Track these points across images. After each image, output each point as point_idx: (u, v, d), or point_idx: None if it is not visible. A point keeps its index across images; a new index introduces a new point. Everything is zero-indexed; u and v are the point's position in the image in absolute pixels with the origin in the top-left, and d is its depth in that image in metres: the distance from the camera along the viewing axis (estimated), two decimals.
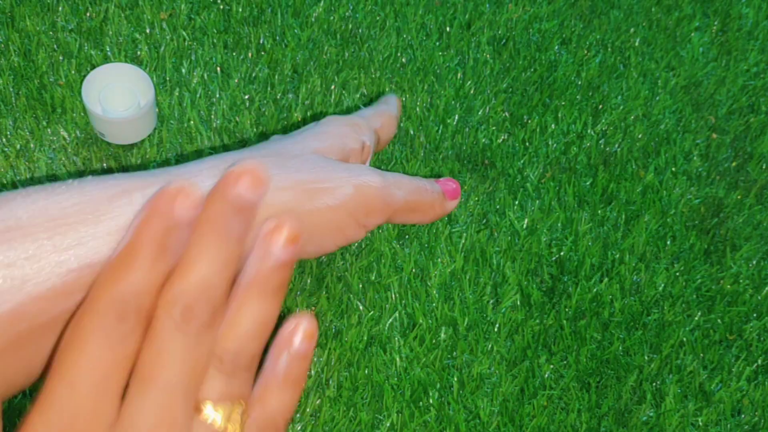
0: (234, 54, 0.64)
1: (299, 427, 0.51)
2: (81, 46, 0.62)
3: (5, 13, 0.63)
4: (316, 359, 0.53)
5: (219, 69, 0.63)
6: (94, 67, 0.61)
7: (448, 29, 0.69)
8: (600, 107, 0.67)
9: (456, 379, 0.54)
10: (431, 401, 0.53)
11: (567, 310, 0.58)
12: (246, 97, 0.62)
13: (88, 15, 0.64)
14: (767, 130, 0.69)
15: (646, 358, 0.57)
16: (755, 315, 0.60)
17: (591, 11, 0.73)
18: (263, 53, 0.64)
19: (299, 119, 0.62)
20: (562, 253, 0.60)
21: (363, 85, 0.64)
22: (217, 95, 0.62)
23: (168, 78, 0.62)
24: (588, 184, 0.63)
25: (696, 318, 0.59)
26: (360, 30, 0.67)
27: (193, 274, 0.20)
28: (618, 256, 0.60)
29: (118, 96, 0.57)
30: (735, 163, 0.67)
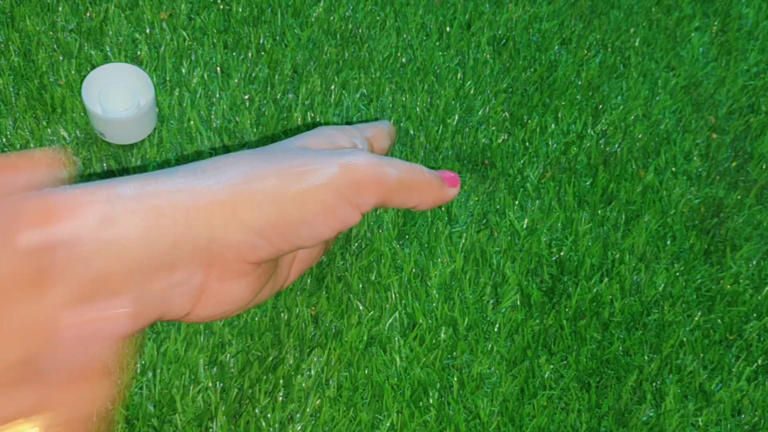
0: (234, 54, 0.64)
1: (299, 427, 0.51)
2: (81, 46, 0.62)
3: (5, 13, 0.63)
4: (315, 359, 0.53)
5: (219, 69, 0.63)
6: (94, 67, 0.61)
7: (448, 29, 0.69)
8: (600, 107, 0.67)
9: (456, 379, 0.54)
10: (431, 401, 0.53)
11: (567, 310, 0.58)
12: (246, 97, 0.62)
13: (88, 15, 0.64)
14: (767, 130, 0.69)
15: (646, 358, 0.57)
16: (755, 315, 0.60)
17: (591, 11, 0.73)
18: (263, 53, 0.64)
19: (299, 119, 0.62)
20: (562, 253, 0.60)
21: (363, 85, 0.64)
22: (217, 95, 0.62)
23: (168, 78, 0.62)
24: (588, 184, 0.63)
25: (696, 318, 0.59)
26: (360, 30, 0.67)
27: None
28: (618, 256, 0.60)
29: (118, 96, 0.57)
30: (735, 163, 0.67)
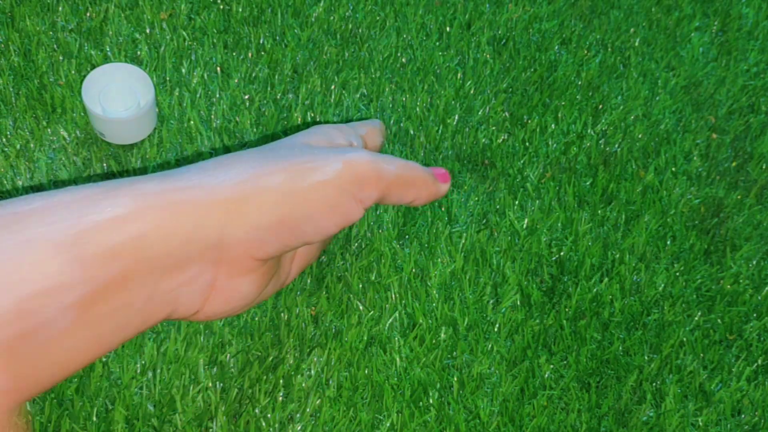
0: (234, 54, 0.64)
1: (299, 427, 0.51)
2: (81, 46, 0.62)
3: (5, 13, 0.63)
4: (316, 359, 0.53)
5: (219, 69, 0.63)
6: (94, 67, 0.61)
7: (448, 29, 0.69)
8: (600, 107, 0.67)
9: (456, 379, 0.54)
10: (431, 401, 0.53)
11: (567, 310, 0.58)
12: (246, 97, 0.62)
13: (88, 15, 0.64)
14: (767, 130, 0.69)
15: (646, 358, 0.57)
16: (755, 315, 0.60)
17: (591, 11, 0.73)
18: (263, 53, 0.64)
19: (299, 119, 0.62)
20: (562, 253, 0.60)
21: (363, 85, 0.64)
22: (217, 95, 0.62)
23: (168, 78, 0.62)
24: (588, 184, 0.63)
25: (696, 318, 0.59)
26: (360, 30, 0.67)
27: None
28: (618, 256, 0.60)
29: (118, 96, 0.57)
30: (735, 163, 0.67)
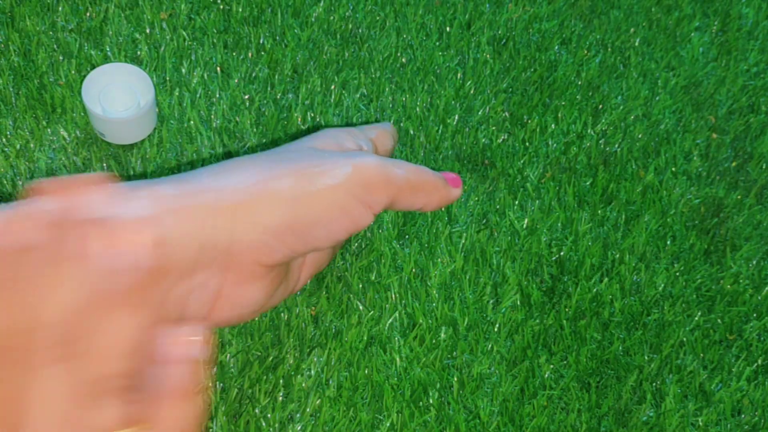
0: (234, 54, 0.64)
1: (299, 427, 0.51)
2: (81, 46, 0.62)
3: (5, 13, 0.63)
4: (316, 359, 0.53)
5: (219, 69, 0.63)
6: (94, 67, 0.61)
7: (448, 29, 0.69)
8: (600, 107, 0.67)
9: (456, 379, 0.54)
10: (431, 401, 0.53)
11: (567, 310, 0.58)
12: (246, 97, 0.62)
13: (88, 15, 0.64)
14: (767, 130, 0.69)
15: (646, 358, 0.57)
16: (755, 315, 0.60)
17: (591, 11, 0.73)
18: (263, 53, 0.64)
19: (299, 119, 0.62)
20: (562, 253, 0.60)
21: (363, 85, 0.64)
22: (217, 95, 0.62)
23: (168, 78, 0.62)
24: (588, 184, 0.63)
25: (696, 318, 0.59)
26: (360, 30, 0.67)
27: None
28: (618, 256, 0.60)
29: (118, 96, 0.57)
30: (735, 163, 0.67)
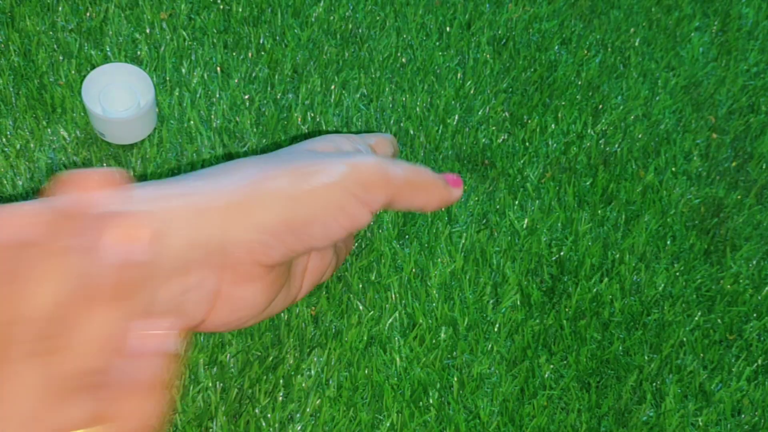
0: (234, 54, 0.64)
1: (299, 427, 0.51)
2: (81, 46, 0.62)
3: (5, 13, 0.63)
4: (316, 359, 0.53)
5: (219, 69, 0.63)
6: (94, 67, 0.61)
7: (448, 29, 0.69)
8: (600, 107, 0.67)
9: (456, 379, 0.54)
10: (431, 401, 0.53)
11: (567, 310, 0.58)
12: (246, 97, 0.62)
13: (88, 15, 0.64)
14: (767, 130, 0.69)
15: (646, 358, 0.57)
16: (755, 315, 0.60)
17: (591, 11, 0.73)
18: (263, 53, 0.64)
19: (299, 119, 0.62)
20: (562, 253, 0.60)
21: (363, 85, 0.64)
22: (217, 95, 0.62)
23: (168, 78, 0.62)
24: (588, 184, 0.63)
25: (696, 318, 0.59)
26: (360, 30, 0.67)
27: None
28: (618, 256, 0.60)
29: (118, 96, 0.57)
30: (735, 163, 0.67)
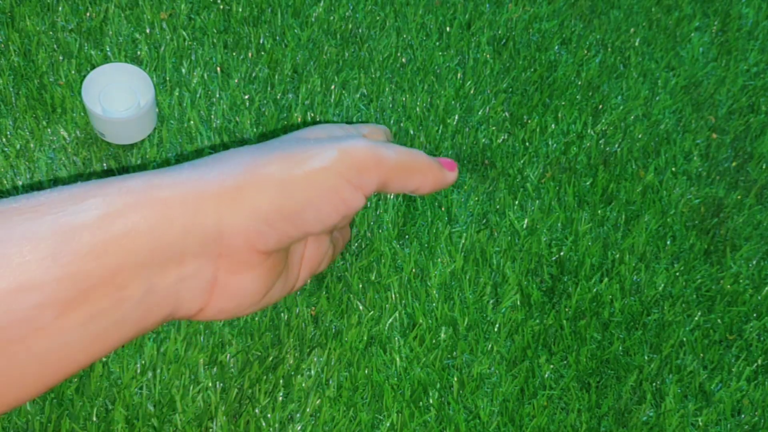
0: (234, 54, 0.64)
1: (299, 427, 0.51)
2: (81, 46, 0.62)
3: (5, 13, 0.63)
4: (316, 359, 0.53)
5: (219, 69, 0.63)
6: (94, 67, 0.61)
7: (448, 29, 0.69)
8: (600, 107, 0.67)
9: (456, 379, 0.54)
10: (431, 401, 0.53)
11: (567, 310, 0.58)
12: (246, 97, 0.62)
13: (88, 15, 0.64)
14: (767, 130, 0.69)
15: (646, 358, 0.57)
16: (755, 315, 0.60)
17: (591, 11, 0.73)
18: (263, 53, 0.64)
19: (299, 119, 0.62)
20: (562, 253, 0.60)
21: (363, 85, 0.64)
22: (217, 95, 0.62)
23: (168, 78, 0.62)
24: (588, 184, 0.63)
25: (696, 318, 0.59)
26: (360, 30, 0.67)
27: None
28: (618, 256, 0.60)
29: (118, 96, 0.57)
30: (735, 163, 0.67)
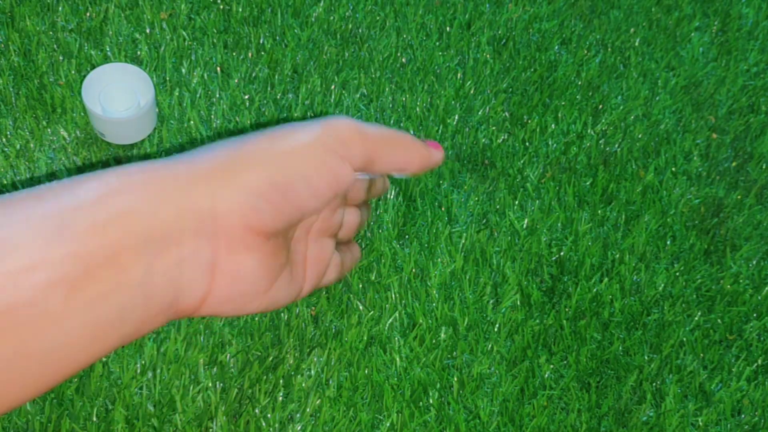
0: (234, 54, 0.64)
1: (299, 427, 0.51)
2: (81, 46, 0.62)
3: (5, 13, 0.63)
4: (316, 359, 0.53)
5: (219, 69, 0.63)
6: (94, 67, 0.61)
7: (448, 29, 0.69)
8: (600, 107, 0.67)
9: (456, 379, 0.54)
10: (431, 401, 0.53)
11: (567, 310, 0.58)
12: (246, 97, 0.62)
13: (88, 15, 0.64)
14: (767, 130, 0.69)
15: (646, 358, 0.57)
16: (755, 315, 0.60)
17: (591, 11, 0.73)
18: (263, 53, 0.64)
19: (299, 119, 0.62)
20: (562, 253, 0.60)
21: (363, 85, 0.64)
22: (217, 95, 0.62)
23: (168, 78, 0.62)
24: (588, 184, 0.63)
25: (696, 318, 0.59)
26: (360, 30, 0.67)
27: None
28: (618, 256, 0.61)
29: (118, 96, 0.57)
30: (735, 163, 0.67)
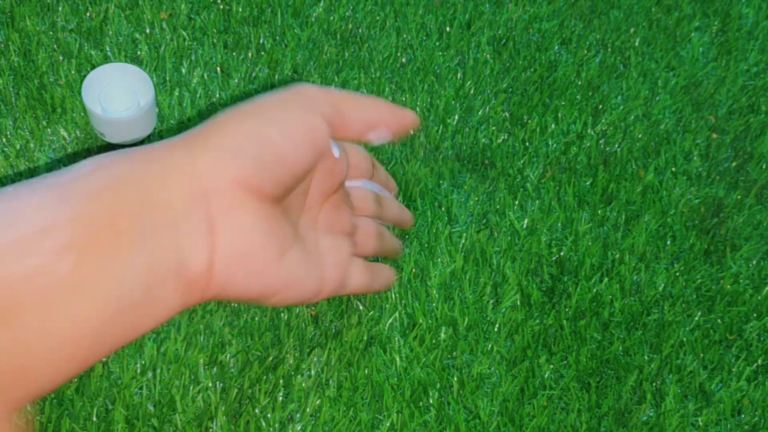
0: (234, 54, 0.64)
1: (299, 427, 0.51)
2: (81, 46, 0.62)
3: (5, 13, 0.63)
4: (315, 359, 0.53)
5: (219, 69, 0.63)
6: (94, 67, 0.61)
7: (448, 29, 0.69)
8: (600, 107, 0.67)
9: (456, 379, 0.54)
10: (431, 401, 0.53)
11: (567, 310, 0.58)
12: (246, 97, 0.62)
13: (88, 15, 0.64)
14: (767, 130, 0.69)
15: (646, 358, 0.57)
16: (755, 315, 0.60)
17: (591, 11, 0.73)
18: (263, 53, 0.64)
19: None
20: (562, 253, 0.60)
21: (363, 85, 0.64)
22: (217, 95, 0.62)
23: (168, 78, 0.62)
24: (588, 184, 0.63)
25: (696, 318, 0.59)
26: (360, 30, 0.67)
27: None
28: (618, 256, 0.60)
29: (118, 96, 0.57)
30: (735, 163, 0.67)
